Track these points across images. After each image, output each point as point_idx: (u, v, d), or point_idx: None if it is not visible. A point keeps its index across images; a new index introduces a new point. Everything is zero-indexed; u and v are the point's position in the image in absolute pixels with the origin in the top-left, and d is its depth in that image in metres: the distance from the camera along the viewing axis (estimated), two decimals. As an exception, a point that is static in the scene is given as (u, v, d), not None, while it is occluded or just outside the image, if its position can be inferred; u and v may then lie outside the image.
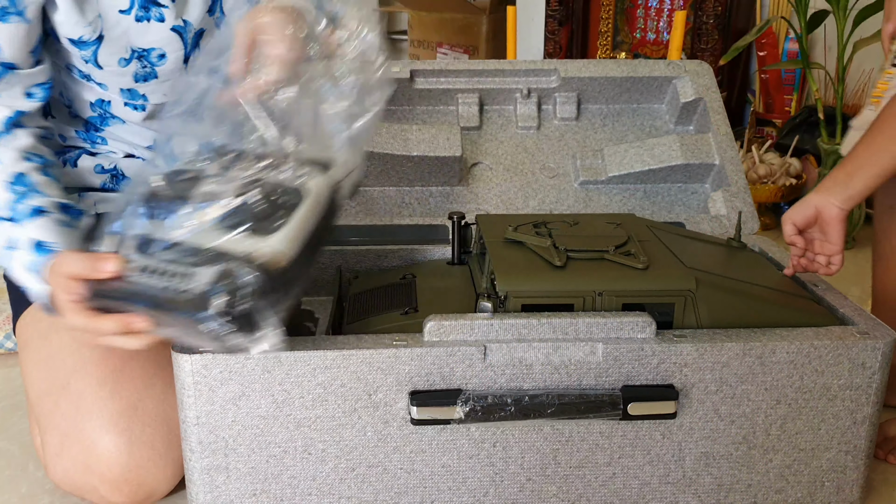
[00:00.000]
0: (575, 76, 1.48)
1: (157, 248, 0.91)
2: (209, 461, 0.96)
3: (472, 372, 0.95)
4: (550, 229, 1.11)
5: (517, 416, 0.95)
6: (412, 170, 1.37)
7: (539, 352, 0.95)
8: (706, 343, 0.96)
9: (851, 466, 1.02)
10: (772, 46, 2.52)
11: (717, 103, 1.46)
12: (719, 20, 2.54)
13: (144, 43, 1.13)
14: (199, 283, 0.85)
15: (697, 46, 2.58)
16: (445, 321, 0.95)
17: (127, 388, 1.09)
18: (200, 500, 0.98)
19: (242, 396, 0.94)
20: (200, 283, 0.85)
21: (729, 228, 1.34)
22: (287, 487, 0.98)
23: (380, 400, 0.95)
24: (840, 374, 0.98)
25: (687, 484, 1.01)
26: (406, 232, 1.30)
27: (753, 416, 0.99)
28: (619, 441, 0.99)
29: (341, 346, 0.94)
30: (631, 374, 0.97)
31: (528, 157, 1.46)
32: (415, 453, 0.98)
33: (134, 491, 1.07)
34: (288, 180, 0.93)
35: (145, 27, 1.12)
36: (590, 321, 0.96)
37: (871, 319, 1.02)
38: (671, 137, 1.42)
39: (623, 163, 1.42)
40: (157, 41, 1.14)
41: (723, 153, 1.40)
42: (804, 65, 2.04)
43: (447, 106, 1.51)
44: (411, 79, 1.47)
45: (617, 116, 1.52)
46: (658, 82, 1.50)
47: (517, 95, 1.49)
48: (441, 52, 3.37)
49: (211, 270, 0.86)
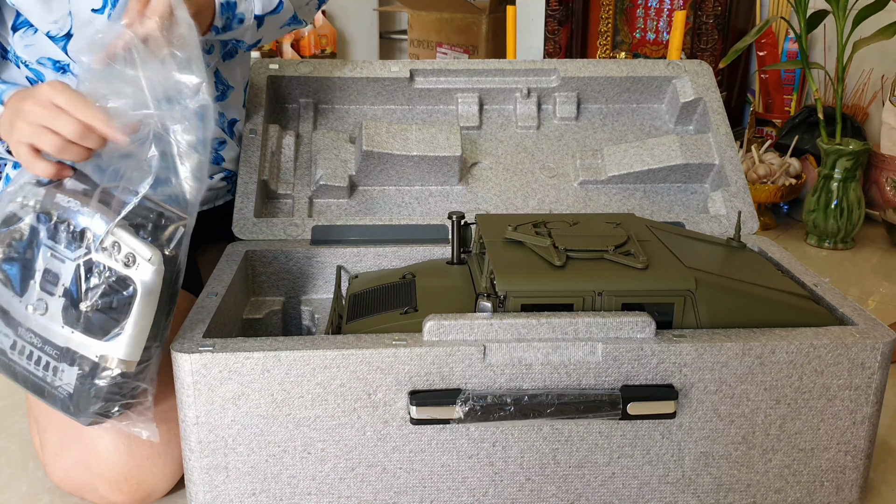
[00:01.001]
0: (575, 76, 1.48)
1: (18, 326, 0.95)
2: (208, 460, 0.96)
3: (472, 372, 0.95)
4: (550, 229, 1.11)
5: (516, 416, 0.95)
6: (412, 169, 1.36)
7: (538, 351, 0.95)
8: (705, 343, 0.96)
9: (851, 466, 1.02)
10: (771, 46, 2.52)
11: (717, 103, 1.46)
12: (719, 20, 2.54)
13: None
14: (67, 384, 0.92)
15: (697, 46, 2.58)
16: (445, 321, 0.95)
17: (128, 387, 1.09)
18: (200, 499, 0.98)
19: (242, 396, 0.94)
20: (68, 383, 0.92)
21: (728, 228, 1.34)
22: (286, 487, 0.98)
23: (379, 399, 0.95)
24: (839, 374, 0.98)
25: (686, 484, 1.01)
26: (406, 231, 1.30)
27: (753, 416, 0.99)
28: (618, 441, 0.99)
29: (341, 345, 0.94)
30: (630, 374, 0.97)
31: (527, 157, 1.46)
32: (414, 453, 0.98)
33: (133, 490, 1.07)
34: (120, 268, 0.92)
35: None
36: (589, 321, 0.96)
37: (870, 320, 1.02)
38: (671, 137, 1.42)
39: (623, 162, 1.42)
40: None
41: (722, 153, 1.40)
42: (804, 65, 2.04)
43: (447, 105, 1.51)
44: (411, 78, 1.47)
45: (617, 116, 1.52)
46: (658, 82, 1.50)
47: (517, 95, 1.49)
48: (441, 52, 3.37)
49: (73, 372, 0.92)
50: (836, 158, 2.02)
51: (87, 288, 0.90)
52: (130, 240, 0.91)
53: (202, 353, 0.92)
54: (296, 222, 1.29)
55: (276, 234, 1.28)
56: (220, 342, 0.95)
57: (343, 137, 1.40)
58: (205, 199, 1.40)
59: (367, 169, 1.36)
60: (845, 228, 2.07)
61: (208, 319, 1.01)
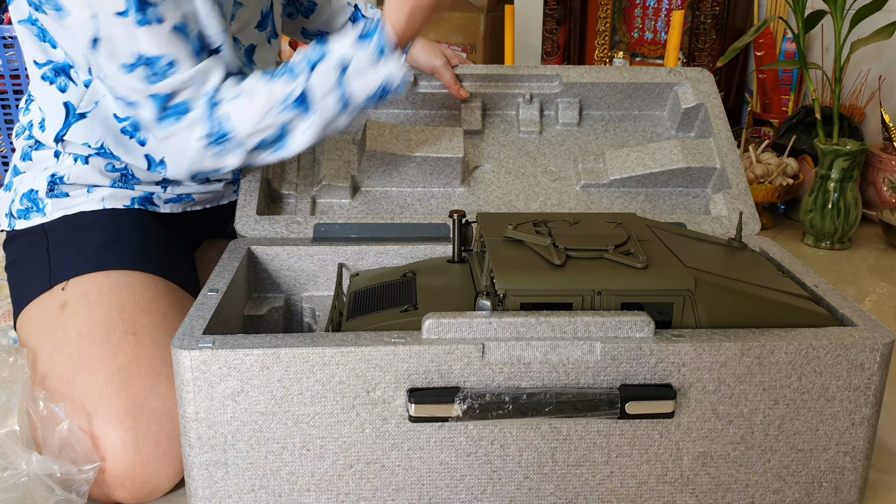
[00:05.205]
0: (577, 82, 1.48)
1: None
2: (208, 456, 0.96)
3: (470, 370, 0.95)
4: (550, 228, 1.11)
5: (515, 415, 0.95)
6: (414, 170, 1.37)
7: (537, 350, 0.95)
8: (704, 343, 0.96)
9: (850, 467, 1.03)
10: (769, 46, 2.52)
11: (718, 108, 1.47)
12: (717, 20, 2.54)
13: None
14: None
15: (695, 46, 2.58)
16: (444, 319, 0.95)
17: (134, 385, 1.09)
18: (199, 495, 0.98)
19: (241, 392, 0.94)
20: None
21: (730, 229, 1.34)
22: (285, 483, 0.98)
23: (378, 397, 0.95)
24: (839, 374, 0.98)
25: (684, 483, 1.02)
26: (407, 230, 1.30)
27: (751, 417, 0.99)
28: (616, 440, 0.99)
29: (340, 343, 0.94)
30: (629, 374, 0.97)
31: (529, 161, 1.46)
32: (412, 450, 0.98)
33: (138, 487, 1.07)
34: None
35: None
36: (588, 320, 0.96)
37: (870, 321, 1.02)
38: (672, 141, 1.43)
39: (625, 166, 1.42)
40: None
41: (724, 157, 1.41)
42: (801, 65, 2.04)
43: (450, 110, 1.51)
44: (414, 83, 1.48)
45: (619, 122, 1.53)
46: (659, 89, 1.50)
47: (519, 100, 1.50)
48: (439, 50, 3.36)
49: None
50: (833, 159, 2.03)
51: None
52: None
53: (202, 349, 0.92)
54: (298, 220, 1.29)
55: (278, 232, 1.28)
56: (220, 339, 0.95)
57: (347, 139, 1.41)
58: (208, 199, 1.40)
59: (370, 169, 1.36)
60: (842, 229, 2.07)
61: (209, 316, 1.01)
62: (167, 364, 1.12)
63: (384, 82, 1.12)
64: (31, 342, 1.16)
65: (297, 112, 1.12)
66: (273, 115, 1.11)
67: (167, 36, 1.07)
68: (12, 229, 1.27)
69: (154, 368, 1.11)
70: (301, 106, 1.11)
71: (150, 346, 1.13)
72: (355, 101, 1.13)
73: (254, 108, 1.11)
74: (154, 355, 1.12)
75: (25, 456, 1.02)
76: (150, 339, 1.13)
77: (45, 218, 1.24)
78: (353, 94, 1.12)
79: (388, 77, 1.11)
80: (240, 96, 1.11)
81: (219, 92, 1.12)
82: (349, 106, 1.13)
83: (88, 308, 1.14)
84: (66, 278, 1.18)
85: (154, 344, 1.13)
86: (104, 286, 1.17)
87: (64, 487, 1.03)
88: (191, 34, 1.10)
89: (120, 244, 1.21)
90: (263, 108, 1.11)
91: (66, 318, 1.14)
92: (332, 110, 1.13)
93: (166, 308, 1.19)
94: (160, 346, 1.13)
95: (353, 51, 1.10)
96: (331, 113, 1.13)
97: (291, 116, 1.12)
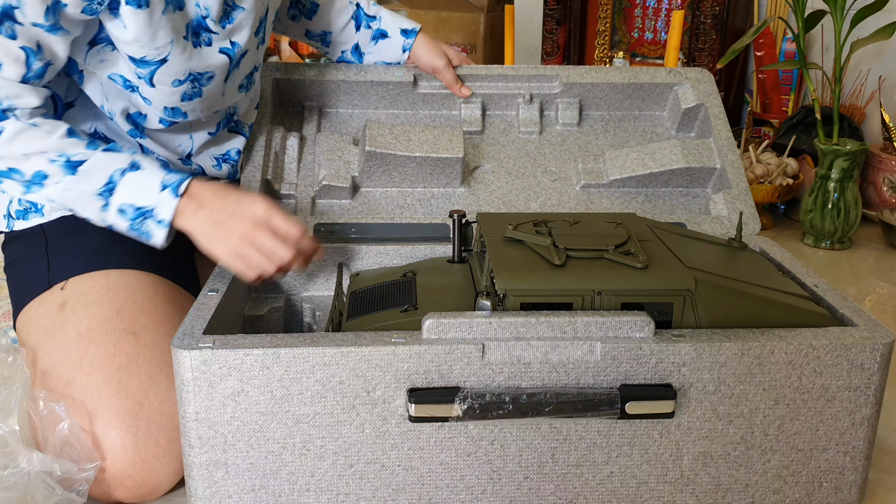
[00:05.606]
0: (577, 82, 1.48)
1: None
2: (208, 456, 0.96)
3: (471, 370, 0.95)
4: (550, 228, 1.11)
5: (515, 415, 0.95)
6: (414, 170, 1.37)
7: (537, 350, 0.95)
8: (704, 343, 0.96)
9: (850, 468, 1.02)
10: (769, 47, 2.52)
11: (718, 109, 1.47)
12: (717, 20, 2.54)
13: (201, 67, 1.15)
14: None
15: (695, 46, 2.58)
16: (444, 319, 0.95)
17: (133, 384, 1.09)
18: (199, 494, 0.98)
19: (241, 392, 0.94)
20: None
21: (730, 229, 1.34)
22: (285, 483, 0.98)
23: (378, 397, 0.95)
24: (839, 374, 0.98)
25: (684, 483, 1.02)
26: (407, 230, 1.30)
27: (751, 417, 0.99)
28: (616, 440, 0.99)
29: (340, 343, 0.94)
30: (629, 374, 0.97)
31: (529, 161, 1.46)
32: (413, 450, 0.98)
33: (138, 486, 1.08)
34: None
35: (204, 51, 1.15)
36: (588, 320, 0.96)
37: (870, 321, 1.02)
38: (673, 141, 1.43)
39: (625, 166, 1.42)
40: (211, 64, 1.16)
41: (724, 157, 1.41)
42: (801, 65, 2.04)
43: (450, 111, 1.51)
44: (414, 83, 1.48)
45: (619, 122, 1.53)
46: (659, 89, 1.50)
47: (519, 100, 1.50)
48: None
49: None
50: (833, 159, 2.03)
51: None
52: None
53: (202, 349, 0.92)
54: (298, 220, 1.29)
55: (277, 232, 1.28)
56: (220, 339, 0.95)
57: (346, 140, 1.41)
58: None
59: (370, 170, 1.36)
60: (842, 229, 2.07)
61: (209, 316, 1.01)
62: (166, 364, 1.12)
63: (142, 230, 1.10)
64: (31, 342, 1.16)
65: (62, 171, 1.08)
66: (41, 157, 1.08)
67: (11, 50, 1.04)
68: (11, 230, 1.26)
69: (153, 368, 1.11)
70: (70, 170, 1.08)
71: (150, 346, 1.13)
72: (110, 215, 1.10)
73: (34, 141, 1.08)
74: (153, 355, 1.12)
75: (26, 454, 1.02)
76: (150, 338, 1.13)
77: (44, 218, 1.24)
78: (110, 208, 1.09)
79: (147, 231, 1.10)
80: (33, 126, 1.08)
81: (16, 109, 1.08)
82: (106, 211, 1.10)
83: (88, 308, 1.14)
84: (65, 278, 1.18)
85: (153, 343, 1.13)
86: (103, 286, 1.17)
87: (64, 486, 1.03)
88: (35, 62, 1.06)
89: (119, 244, 1.21)
90: (41, 147, 1.07)
91: (66, 318, 1.14)
92: (90, 200, 1.10)
93: (166, 307, 1.19)
94: (159, 346, 1.13)
95: (143, 189, 1.08)
96: (88, 200, 1.09)
97: (54, 171, 1.08)
